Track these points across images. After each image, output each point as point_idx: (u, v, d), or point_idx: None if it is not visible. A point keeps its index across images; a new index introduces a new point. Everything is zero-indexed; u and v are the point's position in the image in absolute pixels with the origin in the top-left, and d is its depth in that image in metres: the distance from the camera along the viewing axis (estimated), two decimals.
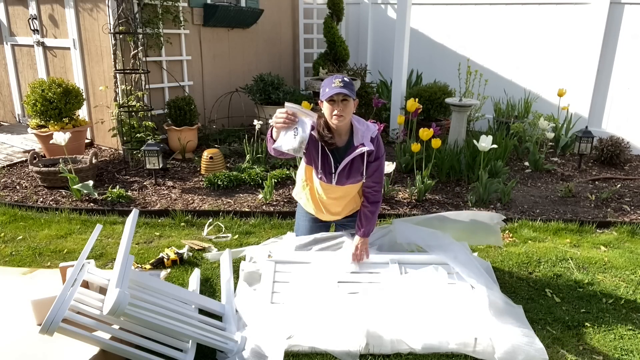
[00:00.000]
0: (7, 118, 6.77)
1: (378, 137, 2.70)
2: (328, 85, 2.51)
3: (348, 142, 2.68)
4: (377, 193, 2.80)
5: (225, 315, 2.53)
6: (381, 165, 2.75)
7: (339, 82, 2.48)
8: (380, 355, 2.29)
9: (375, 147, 2.66)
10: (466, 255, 2.84)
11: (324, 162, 2.71)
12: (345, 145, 2.69)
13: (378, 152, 2.69)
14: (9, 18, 6.04)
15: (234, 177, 4.41)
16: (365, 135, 2.65)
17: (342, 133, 2.66)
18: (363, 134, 2.65)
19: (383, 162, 2.76)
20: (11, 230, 3.64)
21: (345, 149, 2.68)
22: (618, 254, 3.28)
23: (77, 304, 2.01)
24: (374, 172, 2.73)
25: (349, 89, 2.49)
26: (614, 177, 4.76)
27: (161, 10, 5.08)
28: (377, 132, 2.71)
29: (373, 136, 2.67)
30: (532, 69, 6.10)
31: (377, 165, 2.72)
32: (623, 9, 5.41)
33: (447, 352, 2.30)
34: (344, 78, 2.52)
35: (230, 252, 3.10)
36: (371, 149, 2.64)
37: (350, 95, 2.48)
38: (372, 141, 2.66)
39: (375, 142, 2.68)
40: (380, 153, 2.71)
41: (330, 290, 2.63)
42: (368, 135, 2.65)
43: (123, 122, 4.81)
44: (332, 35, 6.21)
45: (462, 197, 4.23)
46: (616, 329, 2.52)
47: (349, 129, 2.67)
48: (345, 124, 2.59)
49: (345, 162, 2.66)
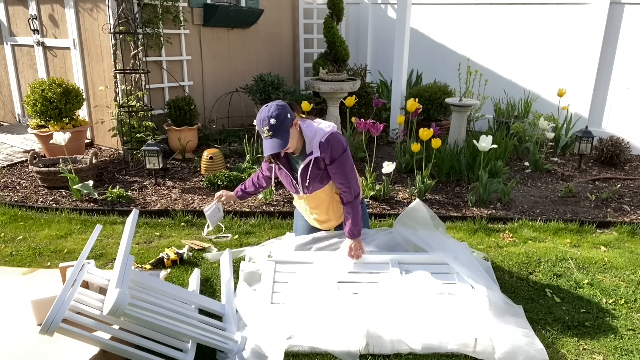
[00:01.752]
0: (7, 118, 6.77)
1: (329, 138, 2.61)
2: (260, 131, 2.53)
3: (302, 151, 2.70)
4: (346, 193, 2.73)
5: (225, 316, 2.53)
6: (341, 166, 2.66)
7: (267, 131, 2.49)
8: (380, 355, 2.29)
9: (325, 151, 2.61)
10: (466, 255, 2.84)
11: (286, 179, 2.81)
12: (300, 154, 2.71)
13: (332, 154, 2.63)
14: (9, 18, 6.04)
15: (234, 177, 4.41)
16: (314, 141, 2.62)
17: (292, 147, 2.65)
18: (312, 141, 2.63)
19: (343, 162, 2.66)
20: (11, 230, 3.64)
21: (301, 159, 2.71)
22: (618, 254, 3.28)
23: (77, 304, 2.01)
24: (336, 174, 2.69)
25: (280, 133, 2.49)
26: (614, 177, 4.76)
27: (161, 10, 5.08)
28: (328, 134, 2.61)
29: (322, 140, 2.60)
30: (532, 69, 6.10)
31: (335, 167, 2.66)
32: (623, 9, 5.41)
33: (447, 352, 2.30)
34: (270, 119, 2.47)
35: (230, 252, 3.10)
36: (319, 156, 2.61)
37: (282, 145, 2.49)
38: (321, 146, 2.60)
39: (326, 146, 2.60)
40: (335, 155, 2.63)
41: (330, 290, 2.63)
42: (317, 141, 2.61)
43: (123, 122, 4.81)
44: (332, 35, 6.21)
45: (462, 197, 4.23)
46: (616, 329, 2.52)
47: (300, 139, 2.66)
48: (292, 147, 2.62)
49: (301, 173, 2.70)
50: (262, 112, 2.51)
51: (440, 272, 2.77)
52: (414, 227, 3.05)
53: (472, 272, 2.69)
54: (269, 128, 2.48)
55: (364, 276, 2.75)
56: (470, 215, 3.86)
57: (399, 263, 2.83)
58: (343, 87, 5.38)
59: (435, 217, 3.12)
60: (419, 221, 3.05)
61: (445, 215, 3.88)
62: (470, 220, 3.79)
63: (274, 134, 2.49)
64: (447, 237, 3.05)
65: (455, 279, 2.70)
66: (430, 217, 3.06)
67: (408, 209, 3.11)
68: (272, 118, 2.47)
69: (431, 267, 2.78)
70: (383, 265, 2.83)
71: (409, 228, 3.04)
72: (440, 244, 2.91)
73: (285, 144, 2.51)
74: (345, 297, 2.60)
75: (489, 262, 3.05)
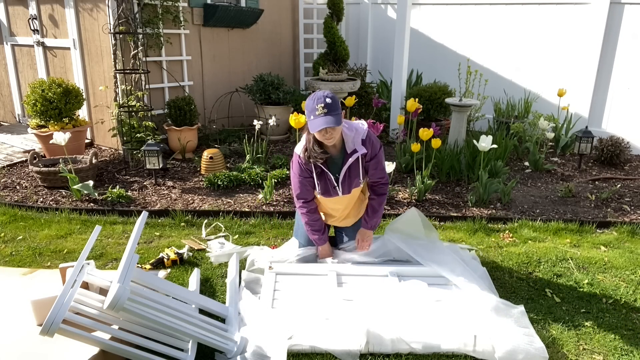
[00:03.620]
0: (7, 118, 6.77)
1: (369, 135, 2.70)
2: (312, 112, 2.50)
3: (341, 151, 2.70)
4: (383, 186, 2.84)
5: (228, 317, 2.53)
6: (380, 161, 2.76)
7: (322, 109, 2.47)
8: (381, 355, 2.29)
9: (368, 148, 2.67)
10: (462, 267, 2.85)
11: (323, 181, 2.75)
12: (340, 154, 2.71)
13: (373, 151, 2.70)
14: (9, 18, 6.04)
15: (234, 177, 4.41)
16: (356, 139, 2.65)
17: (335, 144, 2.66)
18: (354, 139, 2.65)
19: (381, 156, 2.77)
20: (11, 230, 3.64)
21: (340, 159, 2.71)
22: (618, 254, 3.28)
23: (77, 305, 2.01)
24: (376, 169, 2.76)
25: (335, 113, 2.48)
26: (614, 177, 4.76)
27: (161, 10, 5.08)
28: (367, 131, 2.69)
29: (364, 137, 2.66)
30: (532, 69, 6.10)
31: (375, 162, 2.73)
32: (623, 9, 5.40)
33: (447, 352, 2.30)
34: (326, 99, 2.48)
35: (237, 255, 3.10)
36: (364, 152, 2.65)
37: (337, 122, 2.48)
38: (364, 143, 2.66)
39: (368, 143, 2.67)
40: (375, 151, 2.71)
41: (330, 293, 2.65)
42: (359, 139, 2.65)
43: (123, 122, 4.81)
44: (332, 35, 6.21)
45: (462, 197, 4.23)
46: (616, 329, 2.52)
47: (340, 137, 2.66)
48: (336, 137, 2.60)
49: (344, 172, 2.69)
50: (316, 95, 2.52)
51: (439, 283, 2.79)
52: (406, 234, 3.06)
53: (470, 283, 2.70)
54: (324, 105, 2.46)
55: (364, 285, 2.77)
56: (470, 215, 3.86)
57: (397, 275, 2.85)
58: (343, 87, 5.38)
59: (430, 225, 3.13)
60: (412, 229, 3.06)
61: (445, 215, 3.88)
62: (470, 220, 3.79)
63: (329, 112, 2.47)
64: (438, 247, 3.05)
65: (454, 288, 2.73)
66: (423, 225, 3.07)
67: (401, 217, 3.12)
68: (327, 97, 2.48)
69: (429, 279, 2.80)
70: (382, 277, 2.85)
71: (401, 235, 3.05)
72: (432, 256, 2.91)
73: (339, 122, 2.50)
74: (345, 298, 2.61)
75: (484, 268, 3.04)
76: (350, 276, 2.86)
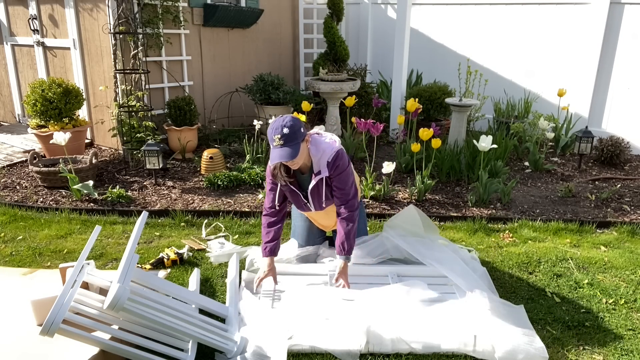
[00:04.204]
0: (7, 118, 6.77)
1: (335, 157, 2.59)
2: (271, 141, 2.45)
3: (311, 169, 2.67)
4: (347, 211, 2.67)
5: (228, 317, 2.53)
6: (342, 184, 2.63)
7: (278, 140, 2.40)
8: (381, 355, 2.29)
9: (331, 171, 2.59)
10: (462, 266, 2.85)
11: (295, 198, 2.75)
12: (309, 173, 2.68)
13: (335, 173, 2.61)
14: (9, 18, 6.04)
15: (234, 177, 4.41)
16: (321, 161, 2.59)
17: (302, 165, 2.63)
18: (319, 160, 2.59)
19: (345, 178, 2.63)
20: (11, 230, 3.64)
21: (309, 177, 2.67)
22: (618, 254, 3.28)
23: (77, 305, 2.01)
24: (336, 192, 2.66)
25: (292, 144, 2.41)
26: (614, 177, 4.76)
27: (161, 10, 5.08)
28: (334, 153, 2.59)
29: (329, 160, 2.58)
30: (532, 68, 6.10)
31: (336, 185, 2.64)
32: (623, 9, 5.40)
33: (447, 352, 2.30)
34: (284, 129, 2.39)
35: (237, 255, 3.10)
36: (327, 175, 2.59)
37: (292, 155, 2.42)
38: (329, 165, 2.58)
39: (332, 165, 2.58)
40: (338, 172, 2.61)
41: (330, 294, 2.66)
42: (324, 160, 2.58)
43: (123, 122, 4.81)
44: (332, 35, 6.21)
45: (462, 197, 4.23)
46: (616, 329, 2.52)
47: (308, 157, 2.62)
48: (300, 163, 2.56)
49: (310, 192, 2.67)
50: (276, 122, 2.46)
51: (438, 283, 2.79)
52: (404, 230, 3.05)
53: (470, 284, 2.70)
54: (280, 136, 2.40)
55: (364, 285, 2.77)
56: (470, 215, 3.86)
57: (397, 275, 2.85)
58: (343, 87, 5.38)
59: (430, 223, 3.13)
60: (410, 225, 3.06)
61: (445, 215, 3.88)
62: (470, 220, 3.79)
63: (285, 143, 2.41)
64: (436, 244, 3.05)
65: (455, 289, 2.73)
66: (422, 223, 3.06)
67: (400, 214, 3.11)
68: (285, 127, 2.41)
69: (429, 279, 2.79)
70: (382, 277, 2.86)
71: (399, 232, 3.05)
72: (432, 254, 2.91)
73: (295, 154, 2.43)
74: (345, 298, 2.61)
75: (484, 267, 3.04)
76: (350, 276, 2.86)
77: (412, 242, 3.00)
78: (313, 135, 2.66)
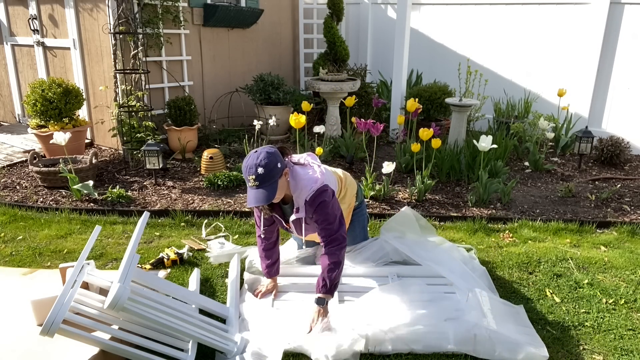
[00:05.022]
0: (7, 118, 6.77)
1: (314, 196, 2.40)
2: (245, 179, 2.30)
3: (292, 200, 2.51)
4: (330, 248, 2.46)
5: (228, 318, 2.53)
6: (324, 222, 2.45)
7: (253, 180, 2.25)
8: (381, 355, 2.29)
9: (308, 212, 2.43)
10: (461, 267, 2.85)
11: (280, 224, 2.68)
12: (291, 202, 2.54)
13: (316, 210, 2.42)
14: (9, 18, 6.04)
15: (234, 177, 4.41)
16: (299, 199, 2.43)
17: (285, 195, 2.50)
18: (298, 197, 2.43)
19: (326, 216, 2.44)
20: (11, 230, 3.64)
21: (291, 208, 2.54)
22: (618, 254, 3.28)
23: (77, 305, 2.01)
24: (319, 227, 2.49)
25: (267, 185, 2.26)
26: (614, 177, 4.76)
27: (161, 10, 5.08)
28: (312, 192, 2.39)
29: (307, 199, 2.40)
30: (532, 68, 6.10)
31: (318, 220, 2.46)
32: (623, 9, 5.41)
33: (447, 352, 2.30)
34: (258, 168, 2.24)
35: (238, 256, 3.10)
36: (304, 215, 2.44)
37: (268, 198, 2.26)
38: (306, 204, 2.41)
39: (310, 204, 2.41)
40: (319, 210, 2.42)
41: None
42: (302, 199, 2.41)
43: (123, 122, 4.82)
44: (332, 35, 6.21)
45: (462, 197, 4.23)
46: (616, 329, 2.52)
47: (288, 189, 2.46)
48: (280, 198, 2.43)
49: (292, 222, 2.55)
50: (250, 159, 2.28)
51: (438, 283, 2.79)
52: (400, 233, 3.05)
53: (469, 283, 2.70)
54: (255, 177, 2.24)
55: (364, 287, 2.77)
56: (470, 215, 3.86)
57: (397, 276, 2.85)
58: (343, 87, 5.38)
59: (426, 224, 3.13)
60: (406, 227, 3.06)
61: (445, 215, 3.88)
62: (470, 220, 3.79)
63: (260, 185, 2.26)
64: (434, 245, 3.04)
65: (455, 289, 2.73)
66: (418, 224, 3.06)
67: (395, 216, 3.11)
68: (259, 167, 2.24)
69: (429, 279, 2.80)
70: (382, 278, 2.86)
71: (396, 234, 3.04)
72: (430, 255, 2.91)
73: (272, 196, 2.27)
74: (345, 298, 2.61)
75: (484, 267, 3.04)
76: (350, 277, 2.86)
77: (410, 244, 2.99)
78: (294, 168, 2.47)
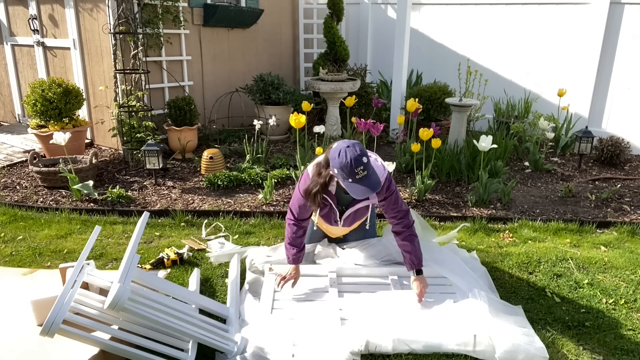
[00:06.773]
0: (7, 118, 6.77)
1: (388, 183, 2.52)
2: (350, 175, 2.25)
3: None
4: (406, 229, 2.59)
5: (229, 318, 2.53)
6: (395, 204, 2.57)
7: (362, 171, 2.24)
8: (381, 355, 2.29)
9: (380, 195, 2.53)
10: (462, 267, 2.85)
11: (327, 211, 2.64)
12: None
13: (387, 195, 2.54)
14: (9, 18, 6.04)
15: (234, 177, 4.41)
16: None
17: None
18: None
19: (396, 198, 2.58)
20: (11, 230, 3.64)
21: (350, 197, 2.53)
22: (618, 254, 3.28)
23: (77, 306, 2.01)
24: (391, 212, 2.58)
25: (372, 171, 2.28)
26: (614, 177, 4.76)
27: (161, 10, 5.08)
28: (384, 179, 2.48)
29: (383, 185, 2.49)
30: (532, 68, 6.10)
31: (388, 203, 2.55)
32: (623, 9, 5.40)
33: (447, 352, 2.30)
34: (363, 157, 2.23)
35: (238, 256, 3.10)
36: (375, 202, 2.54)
37: (379, 183, 2.29)
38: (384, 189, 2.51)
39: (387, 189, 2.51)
40: (389, 194, 2.54)
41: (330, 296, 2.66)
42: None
43: (123, 122, 4.81)
44: (332, 35, 6.21)
45: (462, 197, 4.23)
46: (616, 329, 2.52)
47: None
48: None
49: (349, 212, 2.62)
50: (349, 152, 2.26)
51: (438, 284, 2.79)
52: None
53: (469, 283, 2.70)
54: (363, 167, 2.24)
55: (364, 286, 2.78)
56: (470, 215, 3.86)
57: (398, 276, 2.85)
58: (343, 87, 5.38)
59: (426, 225, 3.14)
60: None
61: (445, 215, 3.88)
62: (471, 220, 3.79)
63: (369, 173, 2.28)
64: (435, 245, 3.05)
65: (455, 289, 2.73)
66: (420, 225, 3.06)
67: None
68: (364, 156, 2.25)
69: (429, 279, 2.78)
70: (382, 278, 2.86)
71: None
72: (430, 255, 2.91)
73: (381, 182, 2.31)
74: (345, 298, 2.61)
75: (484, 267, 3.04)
76: (350, 277, 2.86)
77: None
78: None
